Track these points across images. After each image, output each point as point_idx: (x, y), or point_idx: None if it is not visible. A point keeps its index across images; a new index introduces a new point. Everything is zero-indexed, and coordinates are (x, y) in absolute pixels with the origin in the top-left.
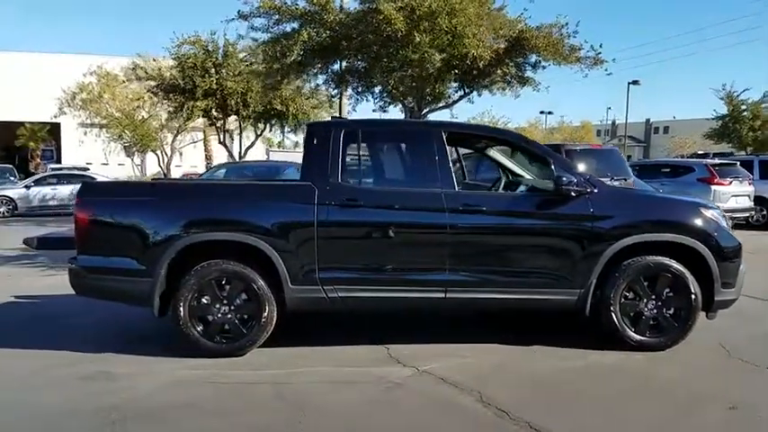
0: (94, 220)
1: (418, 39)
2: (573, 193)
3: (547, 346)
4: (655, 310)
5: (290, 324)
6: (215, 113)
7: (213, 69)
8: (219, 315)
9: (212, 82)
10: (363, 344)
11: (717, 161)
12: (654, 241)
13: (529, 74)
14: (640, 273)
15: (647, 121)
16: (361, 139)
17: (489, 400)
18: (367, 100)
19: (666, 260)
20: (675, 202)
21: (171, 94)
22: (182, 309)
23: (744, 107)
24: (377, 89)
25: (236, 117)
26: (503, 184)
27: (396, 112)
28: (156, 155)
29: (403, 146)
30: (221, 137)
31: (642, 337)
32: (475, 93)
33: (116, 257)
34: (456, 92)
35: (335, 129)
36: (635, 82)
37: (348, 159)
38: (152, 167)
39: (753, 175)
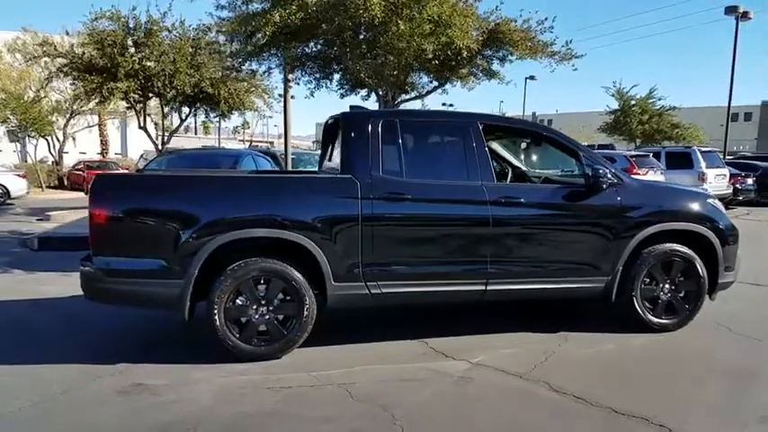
0: (114, 216)
1: (402, 26)
2: (605, 185)
3: (570, 332)
4: (669, 294)
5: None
6: (134, 96)
7: (134, 48)
8: (257, 316)
9: (134, 62)
10: (398, 338)
11: (633, 152)
12: (671, 230)
13: (495, 67)
14: (658, 259)
15: (534, 114)
16: (399, 131)
17: (559, 388)
18: (327, 87)
19: (681, 247)
20: (689, 193)
21: (87, 75)
22: (217, 312)
23: (633, 102)
24: (337, 76)
25: (158, 100)
26: (509, 178)
27: (356, 100)
28: (47, 140)
29: (441, 137)
30: (141, 121)
31: (659, 320)
32: (449, 84)
33: (140, 258)
34: (430, 82)
35: (374, 120)
36: (531, 77)
37: (387, 151)
38: (38, 153)
39: (661, 165)
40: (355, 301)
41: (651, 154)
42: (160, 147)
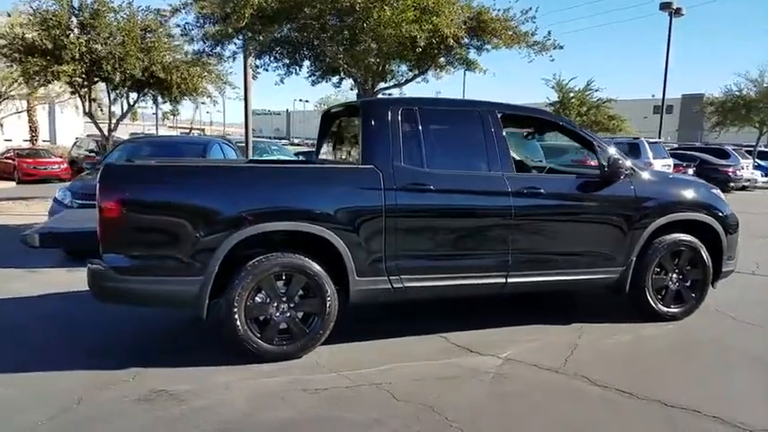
0: (127, 210)
1: (388, 12)
2: (621, 176)
3: (583, 323)
4: (677, 284)
5: None
6: (78, 80)
7: (79, 30)
8: (278, 314)
9: (81, 44)
10: (415, 334)
11: None
12: (680, 220)
13: (472, 56)
14: (668, 249)
15: None
16: (419, 119)
17: (599, 382)
18: (296, 73)
19: (689, 237)
20: (694, 183)
21: (30, 57)
22: (237, 310)
23: (572, 94)
24: (307, 62)
25: (104, 85)
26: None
27: (328, 88)
28: None
29: (461, 126)
30: (86, 107)
31: (667, 309)
32: (429, 72)
33: (156, 255)
34: (409, 70)
35: (393, 107)
36: (469, 67)
37: (408, 140)
38: None
39: None
40: (378, 297)
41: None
42: (107, 134)
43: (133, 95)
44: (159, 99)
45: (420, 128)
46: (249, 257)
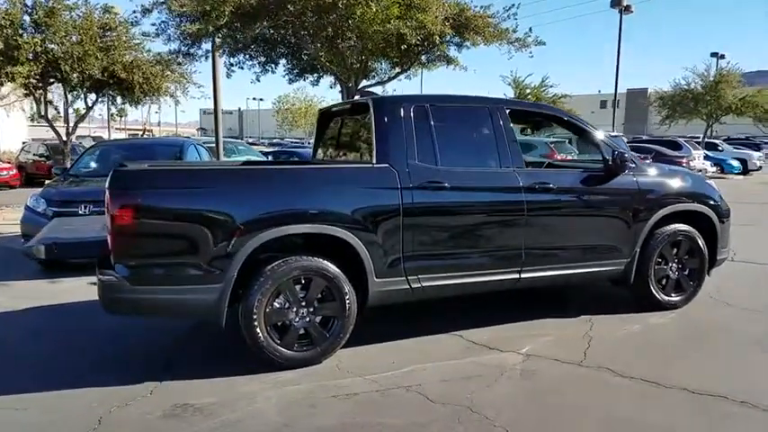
0: (141, 216)
1: (374, 8)
2: (627, 169)
3: (588, 315)
4: (677, 273)
5: None
6: (33, 81)
7: (33, 28)
8: (298, 319)
9: (36, 44)
10: (428, 333)
11: (552, 139)
12: (680, 211)
13: (453, 53)
14: (668, 240)
15: None
16: (431, 116)
17: (625, 373)
18: (273, 72)
19: (686, 226)
20: (690, 174)
21: None
22: (257, 317)
23: (528, 91)
24: (283, 60)
25: (60, 86)
26: None
27: (305, 86)
28: None
29: (471, 123)
30: (41, 109)
31: (669, 297)
32: (411, 70)
33: (172, 263)
34: (392, 68)
35: (406, 104)
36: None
37: (421, 138)
38: None
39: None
40: (396, 298)
41: (567, 140)
42: (64, 137)
43: (92, 97)
44: (119, 100)
45: (432, 125)
46: (264, 262)
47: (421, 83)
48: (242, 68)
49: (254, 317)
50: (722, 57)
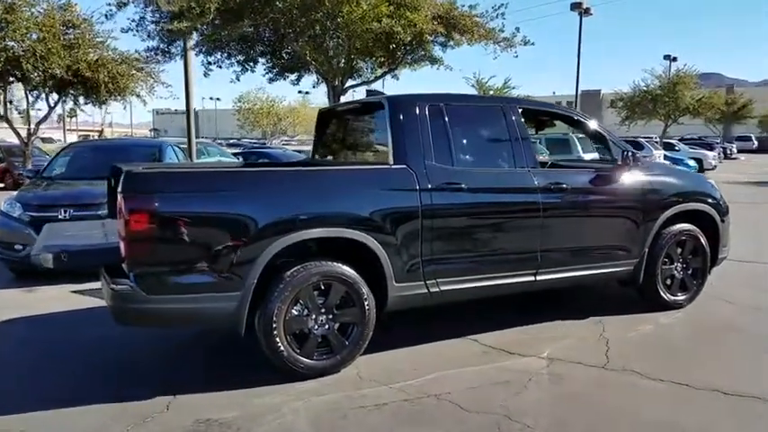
0: (158, 222)
1: (364, 6)
2: (637, 168)
3: (597, 316)
4: (681, 272)
5: None
6: None
7: None
8: (317, 326)
9: None
10: (441, 339)
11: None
12: (686, 210)
13: (437, 53)
14: (674, 239)
15: None
16: (445, 116)
17: (650, 374)
18: (252, 71)
19: (691, 226)
20: (695, 175)
21: None
22: (276, 325)
23: (491, 92)
24: (262, 59)
25: (20, 85)
26: None
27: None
28: None
29: (485, 123)
30: (2, 110)
31: (675, 297)
32: (397, 70)
33: (189, 270)
34: (379, 67)
35: (421, 104)
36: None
37: (437, 138)
38: None
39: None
40: (414, 302)
41: (538, 141)
42: (26, 139)
43: (54, 97)
44: (81, 100)
45: (447, 125)
46: (281, 268)
47: (383, 84)
48: (220, 67)
49: (274, 325)
50: (674, 59)
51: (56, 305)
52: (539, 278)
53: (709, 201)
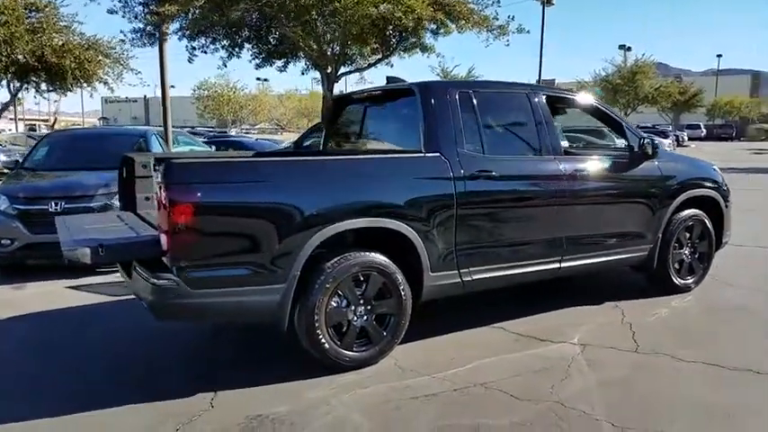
0: (202, 213)
1: None
2: (653, 155)
3: (612, 301)
4: (689, 256)
5: None
6: None
7: None
8: (356, 318)
9: None
10: (468, 327)
11: None
12: (696, 196)
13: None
14: (684, 225)
15: None
16: (475, 103)
17: (683, 357)
18: (238, 56)
19: (699, 211)
20: (701, 161)
21: None
22: (318, 317)
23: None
24: (248, 45)
25: None
26: None
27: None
28: None
29: (512, 110)
30: None
31: (684, 281)
32: (391, 57)
33: (233, 262)
34: (372, 53)
35: (452, 91)
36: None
37: (467, 125)
38: None
39: None
40: (449, 292)
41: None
42: None
43: (16, 84)
44: (44, 87)
45: (477, 112)
46: (321, 259)
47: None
48: (205, 53)
49: (316, 318)
50: (629, 49)
51: (52, 302)
52: (563, 265)
53: (714, 186)
